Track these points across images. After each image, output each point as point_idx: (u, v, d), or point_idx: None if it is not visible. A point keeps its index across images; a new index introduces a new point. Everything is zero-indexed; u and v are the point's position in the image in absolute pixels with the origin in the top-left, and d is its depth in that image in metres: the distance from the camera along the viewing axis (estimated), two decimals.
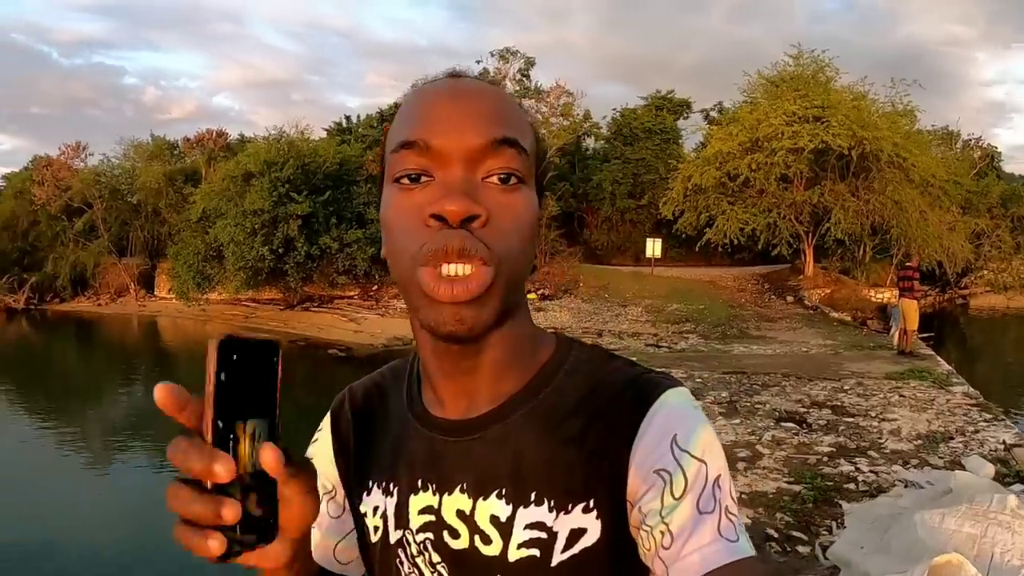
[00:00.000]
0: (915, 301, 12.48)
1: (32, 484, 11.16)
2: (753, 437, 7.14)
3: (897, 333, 13.02)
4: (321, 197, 28.13)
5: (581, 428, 0.79)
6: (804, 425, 7.64)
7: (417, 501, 0.85)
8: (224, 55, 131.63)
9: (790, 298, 22.68)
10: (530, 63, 28.83)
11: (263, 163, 28.43)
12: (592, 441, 0.78)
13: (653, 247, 27.55)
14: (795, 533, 4.76)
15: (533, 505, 0.78)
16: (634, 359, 0.87)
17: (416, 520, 0.85)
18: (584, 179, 34.21)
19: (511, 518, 0.78)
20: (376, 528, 0.90)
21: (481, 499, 0.81)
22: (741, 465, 6.15)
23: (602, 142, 35.29)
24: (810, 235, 23.73)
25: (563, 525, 0.76)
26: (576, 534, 0.76)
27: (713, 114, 32.65)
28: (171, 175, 36.71)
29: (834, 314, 19.70)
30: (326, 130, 37.03)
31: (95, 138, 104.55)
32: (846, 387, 9.75)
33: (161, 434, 14.33)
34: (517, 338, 0.83)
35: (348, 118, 38.17)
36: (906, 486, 5.57)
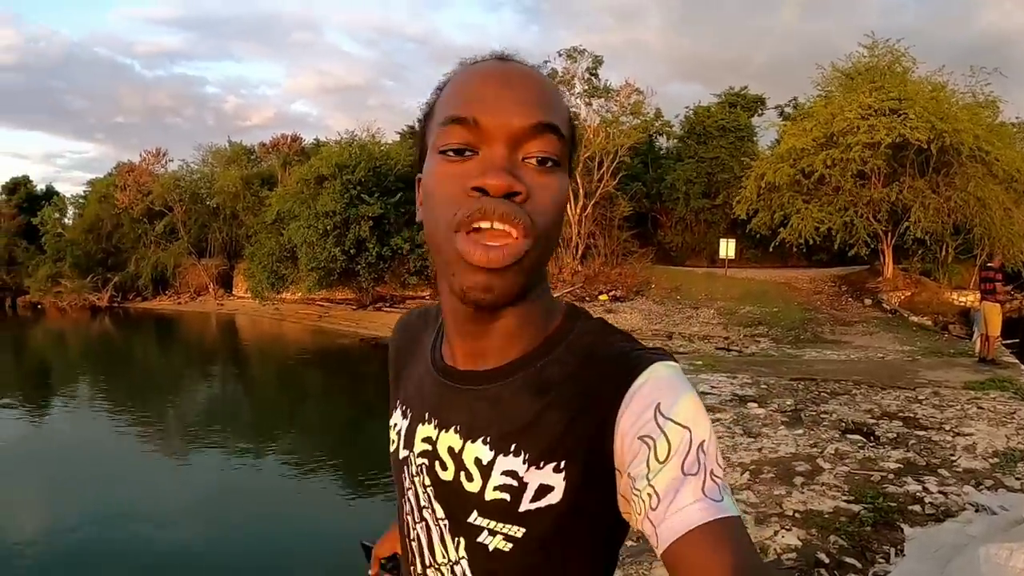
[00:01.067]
0: (998, 304, 11.85)
1: (115, 473, 11.55)
2: (815, 449, 6.80)
3: (979, 339, 12.38)
4: (392, 199, 28.40)
5: (569, 395, 0.84)
6: (871, 438, 7.25)
7: (422, 430, 0.97)
8: (301, 63, 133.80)
9: (868, 301, 21.76)
10: (598, 62, 28.47)
11: (335, 166, 28.85)
12: (576, 407, 0.83)
13: (727, 248, 27.01)
14: (848, 559, 4.44)
15: (512, 456, 0.85)
16: (632, 335, 0.91)
17: (418, 446, 0.96)
18: (657, 179, 33.68)
19: (491, 463, 0.87)
20: (393, 441, 1.04)
21: (470, 441, 0.89)
22: (799, 480, 5.84)
23: (675, 141, 34.67)
24: (889, 234, 22.74)
25: (533, 478, 0.83)
26: (544, 489, 0.83)
27: (788, 110, 31.66)
28: (248, 179, 37.60)
29: (913, 318, 18.88)
30: (399, 134, 37.36)
31: (178, 145, 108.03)
32: (921, 397, 9.26)
33: (237, 428, 14.64)
34: (530, 310, 0.89)
35: (420, 121, 38.30)
36: (976, 510, 5.20)
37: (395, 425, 1.04)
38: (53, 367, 25.10)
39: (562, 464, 0.82)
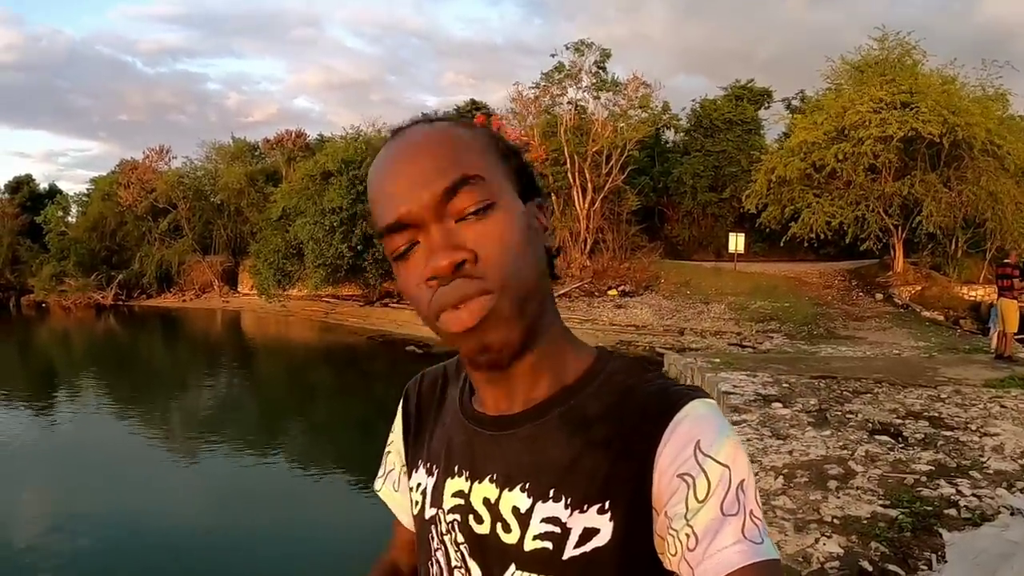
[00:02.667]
0: (1015, 301, 11.82)
1: (122, 472, 11.56)
2: (845, 452, 6.76)
3: (995, 335, 12.33)
4: None
5: (607, 433, 0.83)
6: (900, 439, 7.22)
7: (452, 484, 0.93)
8: (304, 59, 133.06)
9: (879, 295, 21.72)
10: (606, 55, 28.33)
11: (341, 162, 28.79)
12: (616, 446, 0.82)
13: (736, 242, 26.89)
14: (891, 567, 4.41)
15: (551, 501, 0.83)
16: (667, 375, 0.94)
17: (448, 501, 0.93)
18: (664, 172, 33.61)
19: (530, 510, 0.84)
20: (416, 503, 1.00)
21: (506, 490, 0.87)
22: (833, 484, 5.81)
23: (682, 134, 34.58)
24: (900, 229, 22.66)
25: (577, 523, 0.81)
26: (589, 533, 0.80)
27: (795, 103, 31.58)
28: (252, 175, 37.57)
29: (925, 313, 18.85)
30: None
31: (181, 142, 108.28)
32: (943, 395, 9.22)
33: (244, 426, 14.62)
34: (546, 349, 0.88)
35: (424, 115, 38.33)
36: (1012, 514, 5.17)
37: (419, 485, 1.00)
38: (59, 366, 25.08)
39: (607, 505, 0.80)
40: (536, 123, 29.40)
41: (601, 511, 0.80)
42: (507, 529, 0.86)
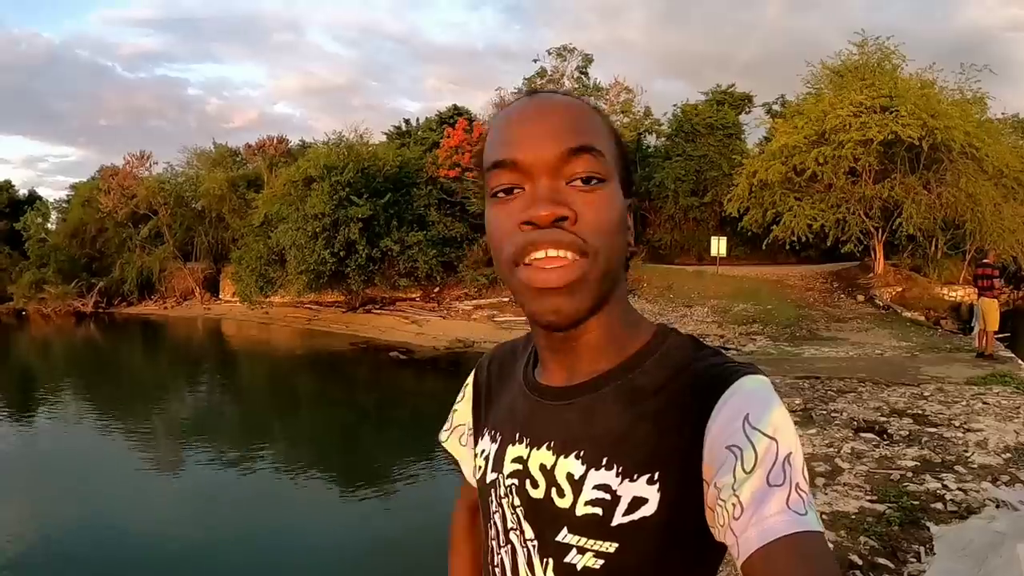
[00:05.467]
0: (995, 300, 11.93)
1: (101, 481, 11.43)
2: (831, 449, 6.81)
3: (978, 334, 12.45)
4: (382, 200, 28.28)
5: (660, 407, 0.86)
6: (885, 436, 7.28)
7: (512, 451, 0.98)
8: (284, 64, 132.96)
9: (860, 297, 21.87)
10: (588, 60, 28.52)
11: (323, 167, 28.68)
12: (668, 419, 0.84)
13: (718, 245, 27.06)
14: (881, 560, 4.45)
15: (604, 469, 0.86)
16: (721, 351, 0.93)
17: (508, 467, 0.97)
18: (646, 177, 33.70)
19: (583, 477, 0.87)
20: (479, 467, 1.05)
21: (562, 457, 0.90)
22: (820, 481, 5.85)
23: (663, 139, 34.75)
24: (880, 231, 22.85)
25: (627, 491, 0.83)
26: (637, 502, 0.83)
27: (776, 107, 31.88)
28: (234, 181, 37.37)
29: (906, 313, 19.00)
30: (385, 134, 37.29)
31: (162, 148, 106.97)
32: (926, 393, 9.30)
33: (226, 434, 14.53)
34: (613, 324, 0.92)
35: (407, 121, 38.40)
36: (998, 506, 5.23)
37: (483, 451, 1.05)
38: (38, 374, 24.79)
39: (656, 476, 0.82)
40: None
41: (650, 481, 0.82)
42: (561, 494, 0.89)
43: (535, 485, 0.92)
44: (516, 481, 0.95)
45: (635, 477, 0.83)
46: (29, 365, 27.13)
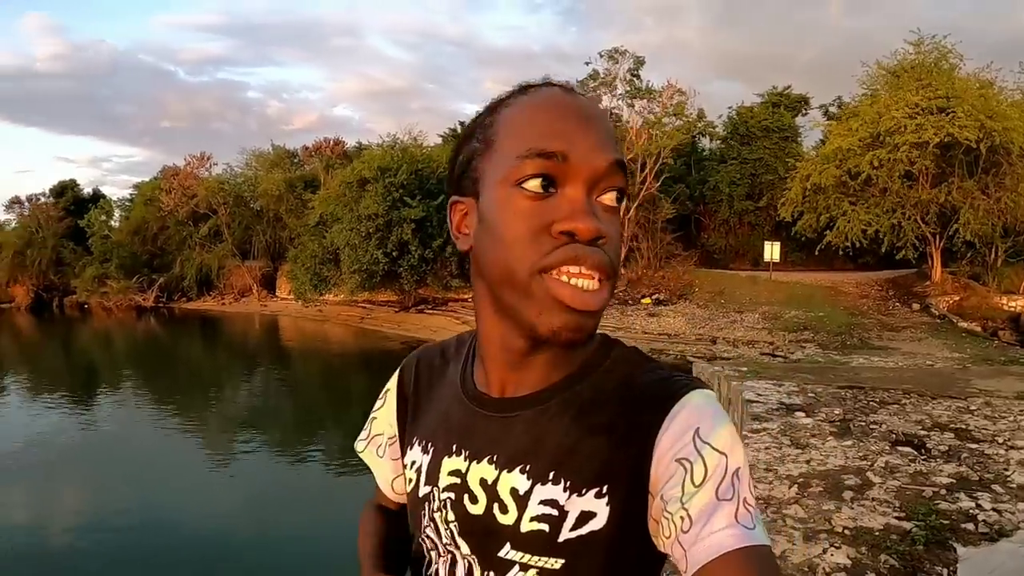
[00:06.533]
0: None
1: (155, 468, 11.72)
2: (864, 462, 6.65)
3: None
4: (435, 201, 28.53)
5: (608, 420, 0.85)
6: (923, 450, 7.08)
7: (449, 463, 0.94)
8: (343, 68, 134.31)
9: (916, 306, 21.29)
10: (640, 63, 28.28)
11: (377, 169, 29.05)
12: (617, 432, 0.83)
13: (771, 251, 26.67)
14: None
15: (550, 483, 0.84)
16: (666, 366, 0.92)
17: (444, 480, 0.93)
18: (700, 181, 33.38)
19: (528, 492, 0.85)
20: (411, 480, 1.00)
21: (506, 471, 0.87)
22: (848, 495, 5.70)
23: (718, 142, 34.34)
24: (937, 237, 22.23)
25: (574, 506, 0.82)
26: (585, 516, 0.82)
27: (832, 109, 31.16)
28: (291, 182, 38.05)
29: (962, 324, 18.45)
30: (441, 136, 37.59)
31: (223, 149, 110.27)
32: (972, 407, 9.01)
33: (276, 428, 14.78)
34: None
35: (462, 123, 38.54)
36: None
37: (414, 463, 1.00)
38: (100, 365, 25.62)
39: (604, 489, 0.81)
40: None
41: (599, 495, 0.81)
42: (504, 510, 0.86)
43: (474, 500, 0.90)
44: (452, 495, 0.92)
45: (583, 492, 0.82)
46: (91, 356, 28.04)
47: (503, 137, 0.84)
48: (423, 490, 0.97)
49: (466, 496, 0.90)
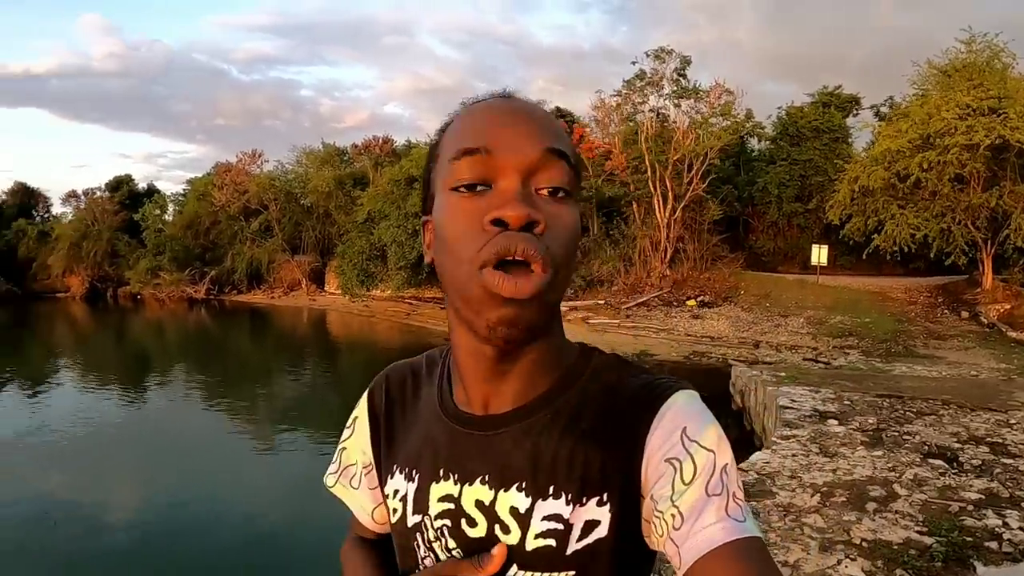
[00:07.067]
0: None
1: (201, 455, 12.03)
2: (892, 473, 6.57)
3: None
4: None
5: (598, 427, 0.85)
6: (955, 464, 6.97)
7: (438, 489, 0.91)
8: (394, 66, 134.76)
9: (964, 313, 20.71)
10: (686, 62, 28.00)
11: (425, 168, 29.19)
12: (608, 438, 0.84)
13: (819, 254, 26.20)
14: None
15: (551, 498, 0.84)
16: (650, 369, 0.92)
17: (435, 507, 0.91)
18: (749, 182, 32.90)
19: (530, 510, 0.84)
20: (395, 510, 0.97)
21: (502, 491, 0.86)
22: (871, 506, 5.65)
23: (767, 143, 33.85)
24: (988, 243, 21.46)
25: (578, 517, 0.83)
26: (590, 525, 0.82)
27: (883, 109, 30.43)
28: (340, 179, 38.53)
29: (1012, 334, 17.86)
30: None
31: (276, 146, 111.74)
32: (1012, 421, 8.82)
33: (320, 420, 14.97)
34: (549, 348, 0.89)
35: None
36: None
37: (397, 492, 0.97)
38: (151, 354, 26.23)
39: (604, 497, 0.83)
40: (618, 131, 29.31)
41: (600, 503, 0.82)
42: (506, 531, 0.86)
43: (472, 524, 0.88)
44: (449, 522, 0.90)
45: (585, 502, 0.83)
46: (144, 345, 28.71)
47: (443, 150, 0.85)
48: (412, 520, 0.94)
49: (463, 521, 0.89)
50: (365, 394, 1.09)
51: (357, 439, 1.08)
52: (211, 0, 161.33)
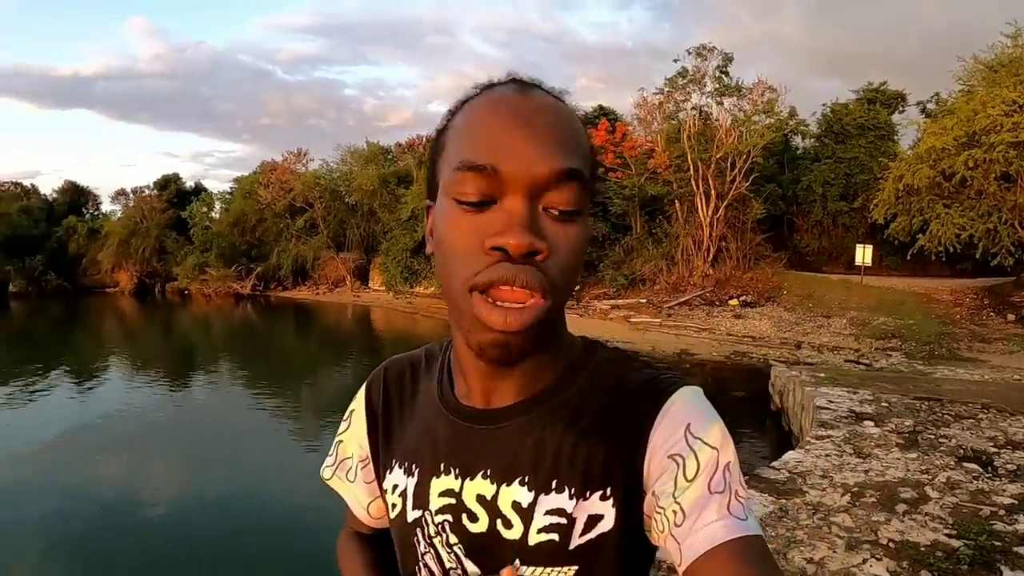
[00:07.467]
0: None
1: (243, 449, 12.27)
2: (925, 476, 6.58)
3: None
4: None
5: (602, 421, 0.84)
6: (989, 468, 6.95)
7: (438, 484, 0.91)
8: (437, 65, 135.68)
9: (1011, 316, 20.29)
10: (728, 59, 27.79)
11: None
12: (611, 433, 0.83)
13: (863, 254, 25.78)
14: None
15: (554, 492, 0.83)
16: (660, 364, 0.92)
17: (436, 502, 0.90)
18: (793, 180, 32.49)
19: (532, 504, 0.84)
20: (394, 505, 0.96)
21: (504, 485, 0.86)
22: (901, 508, 5.68)
23: (812, 140, 33.43)
24: None
25: (582, 511, 0.82)
26: (593, 520, 0.82)
27: (930, 106, 29.78)
28: (384, 178, 38.87)
29: None
30: None
31: (321, 145, 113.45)
32: None
33: None
34: (551, 345, 0.88)
35: None
36: None
37: (396, 487, 0.96)
38: (198, 347, 26.77)
39: (608, 491, 0.82)
40: (660, 129, 29.23)
41: (603, 497, 0.82)
42: (508, 525, 0.85)
43: (474, 519, 0.87)
44: (450, 517, 0.89)
45: (588, 496, 0.82)
46: (191, 339, 29.30)
47: (450, 143, 0.81)
48: (412, 515, 0.93)
49: (465, 516, 0.88)
50: (363, 387, 1.08)
51: (354, 432, 1.07)
52: (255, 2, 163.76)
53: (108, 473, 10.96)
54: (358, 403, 1.07)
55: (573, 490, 0.83)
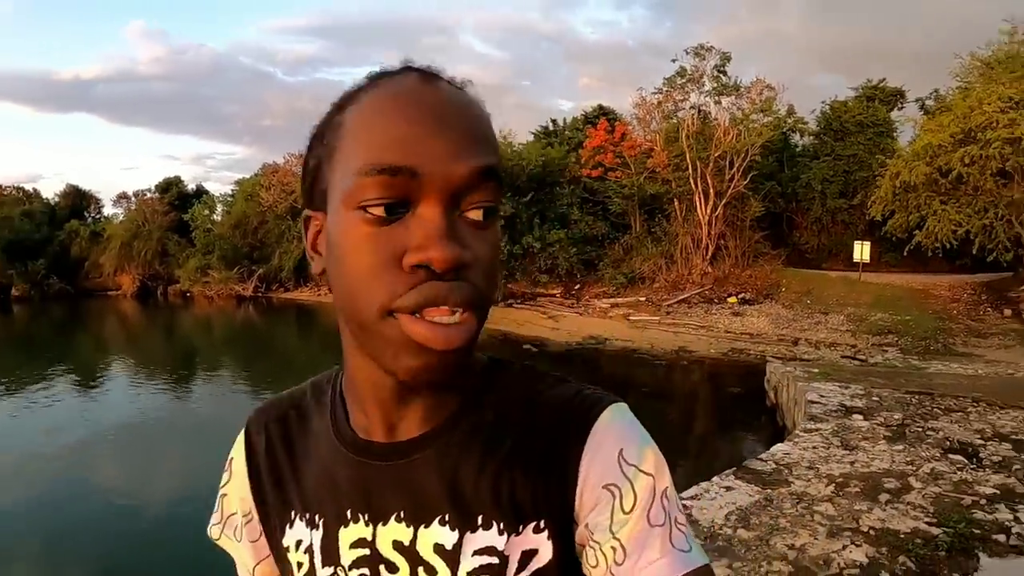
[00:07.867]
0: None
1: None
2: (910, 467, 6.67)
3: None
4: (524, 198, 28.95)
5: (523, 446, 0.76)
6: (974, 460, 7.04)
7: (347, 534, 0.80)
8: (437, 66, 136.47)
9: (1007, 311, 20.30)
10: (726, 58, 27.85)
11: None
12: (536, 459, 0.76)
13: (861, 251, 25.86)
14: None
15: (481, 529, 0.75)
16: (568, 376, 0.83)
17: (348, 555, 0.80)
18: (792, 178, 32.47)
19: (458, 545, 0.75)
20: (300, 564, 0.84)
21: (422, 527, 0.77)
22: (884, 497, 5.77)
23: (810, 138, 33.43)
24: None
25: (514, 548, 0.74)
26: (528, 555, 0.74)
27: (929, 103, 29.62)
28: None
29: None
30: (533, 133, 37.89)
31: None
32: None
33: None
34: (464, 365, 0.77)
35: (554, 121, 38.84)
36: None
37: (300, 543, 0.84)
38: (201, 349, 26.89)
39: (541, 523, 0.75)
40: (659, 129, 29.33)
41: (537, 529, 0.75)
42: (431, 572, 0.76)
43: (393, 569, 0.78)
44: (366, 570, 0.79)
45: (520, 530, 0.75)
46: (193, 341, 29.41)
47: (344, 143, 0.69)
48: (322, 573, 0.82)
49: (383, 567, 0.78)
50: (241, 433, 0.95)
51: (235, 485, 0.94)
52: (255, 4, 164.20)
53: (112, 475, 11.07)
54: (237, 450, 0.94)
55: (502, 525, 0.75)
